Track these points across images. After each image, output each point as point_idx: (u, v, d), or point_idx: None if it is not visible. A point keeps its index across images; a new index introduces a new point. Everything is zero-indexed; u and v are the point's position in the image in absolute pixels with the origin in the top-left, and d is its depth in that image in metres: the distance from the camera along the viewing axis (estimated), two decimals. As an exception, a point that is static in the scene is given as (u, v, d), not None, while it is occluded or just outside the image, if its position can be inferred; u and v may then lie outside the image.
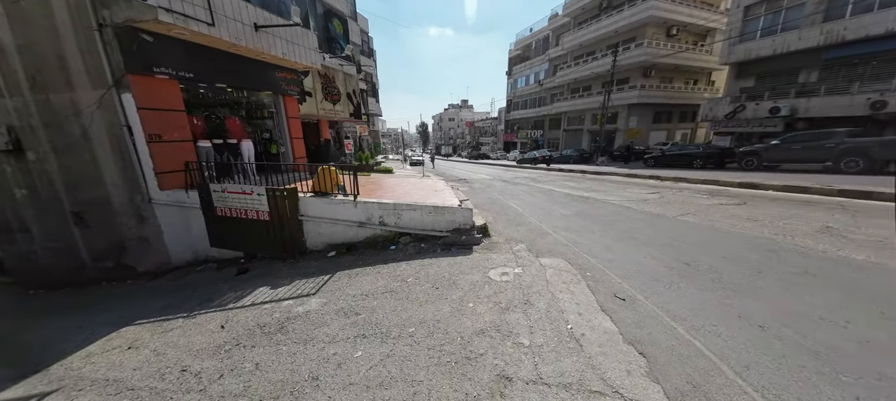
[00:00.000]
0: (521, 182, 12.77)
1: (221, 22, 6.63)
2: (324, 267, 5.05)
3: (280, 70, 9.22)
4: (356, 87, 14.46)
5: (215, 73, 7.40)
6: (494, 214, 6.90)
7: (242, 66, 7.98)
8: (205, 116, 7.88)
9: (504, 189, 10.74)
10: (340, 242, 5.71)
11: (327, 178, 5.64)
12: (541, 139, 35.85)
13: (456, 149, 66.17)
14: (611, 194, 8.81)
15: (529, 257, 4.25)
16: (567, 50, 30.00)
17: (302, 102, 11.02)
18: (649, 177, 12.38)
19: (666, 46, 23.73)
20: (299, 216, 5.76)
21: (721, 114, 19.36)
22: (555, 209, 7.12)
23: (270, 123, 10.22)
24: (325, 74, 12.10)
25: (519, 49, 39.25)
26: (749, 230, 4.94)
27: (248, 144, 8.63)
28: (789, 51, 16.22)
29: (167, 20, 5.64)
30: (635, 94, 24.39)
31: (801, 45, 15.64)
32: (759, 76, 18.55)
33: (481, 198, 9.06)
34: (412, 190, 8.21)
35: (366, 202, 5.39)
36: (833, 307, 2.69)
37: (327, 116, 12.89)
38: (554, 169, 19.04)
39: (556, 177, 14.51)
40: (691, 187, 9.71)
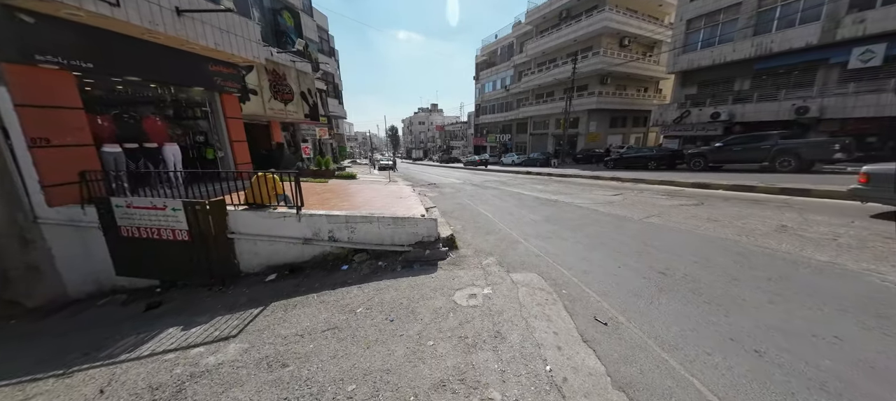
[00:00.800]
0: (491, 186, 12.50)
1: (130, 2, 5.48)
2: (257, 296, 4.18)
3: (214, 63, 8.03)
4: (312, 86, 13.36)
5: (125, 63, 6.15)
6: (463, 222, 6.41)
7: (163, 56, 6.75)
8: (114, 116, 6.53)
9: (474, 194, 10.35)
10: (282, 262, 4.85)
11: (263, 187, 4.77)
12: (509, 143, 36.46)
13: (427, 153, 65.60)
14: (577, 197, 8.75)
15: (500, 273, 3.77)
16: (531, 57, 30.84)
17: (245, 100, 9.80)
18: (611, 178, 12.71)
19: (619, 56, 25.20)
20: (228, 234, 4.81)
21: (669, 119, 20.82)
22: (525, 214, 6.79)
23: (205, 123, 8.90)
24: (274, 71, 10.94)
25: (485, 54, 39.80)
26: (712, 231, 4.91)
27: (172, 148, 7.35)
28: (726, 61, 17.81)
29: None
30: (594, 101, 25.56)
31: (736, 56, 17.23)
32: (702, 84, 20.21)
33: (450, 204, 8.55)
34: (374, 198, 7.48)
35: (312, 215, 4.61)
36: (817, 320, 2.49)
37: (278, 117, 11.68)
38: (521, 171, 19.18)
39: (524, 180, 14.48)
40: (650, 188, 10.00)
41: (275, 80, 10.92)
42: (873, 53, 12.04)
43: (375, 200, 7.09)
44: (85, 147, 5.70)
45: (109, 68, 5.93)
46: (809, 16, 13.66)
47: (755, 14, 15.78)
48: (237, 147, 9.29)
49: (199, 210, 4.60)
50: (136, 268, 5.30)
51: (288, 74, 11.62)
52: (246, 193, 4.91)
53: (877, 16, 11.61)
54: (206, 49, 7.20)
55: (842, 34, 12.59)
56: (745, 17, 16.20)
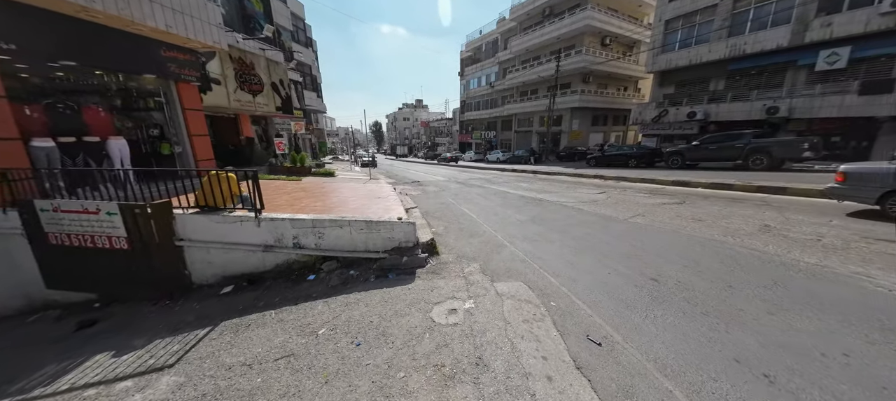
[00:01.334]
0: (476, 184, 12.20)
1: (54, -30, 4.70)
2: (209, 312, 3.65)
3: (168, 48, 7.21)
4: (284, 77, 12.53)
5: (58, 47, 5.32)
6: (446, 223, 6.04)
7: (105, 39, 5.94)
8: (46, 106, 5.69)
9: (459, 192, 10.01)
10: (240, 272, 4.32)
11: (217, 187, 4.21)
12: (494, 140, 36.39)
13: (412, 149, 64.72)
14: (562, 195, 8.59)
15: (484, 282, 3.44)
16: (515, 54, 30.74)
17: (206, 90, 8.96)
18: (594, 176, 12.73)
19: (601, 55, 25.51)
20: (176, 241, 4.22)
21: (648, 118, 21.27)
22: (510, 214, 6.52)
23: (160, 115, 8.04)
24: (241, 59, 10.10)
25: (470, 50, 39.41)
26: (698, 232, 4.80)
27: (118, 142, 6.55)
28: (701, 62, 18.29)
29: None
30: (576, 99, 25.79)
31: (711, 56, 17.71)
32: (679, 84, 20.73)
33: (433, 203, 8.16)
34: (350, 197, 6.98)
35: (273, 219, 4.10)
36: (821, 333, 2.31)
37: (246, 110, 10.85)
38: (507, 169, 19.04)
39: (509, 178, 14.29)
40: (633, 186, 10.01)
41: (241, 70, 10.08)
42: (838, 56, 12.61)
43: (351, 201, 6.60)
44: (8, 142, 4.90)
45: (37, 52, 5.11)
46: (780, 18, 14.15)
47: (730, 16, 16.23)
48: (197, 142, 8.47)
49: (139, 214, 3.99)
50: (68, 280, 4.60)
51: (256, 63, 10.77)
52: (197, 194, 4.32)
53: (843, 20, 12.14)
54: (157, 31, 6.42)
55: (810, 37, 13.11)
56: (720, 18, 16.63)
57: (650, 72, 21.64)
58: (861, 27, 11.82)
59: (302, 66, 21.27)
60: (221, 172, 4.51)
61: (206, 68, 9.06)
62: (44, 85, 6.71)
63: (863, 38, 12.01)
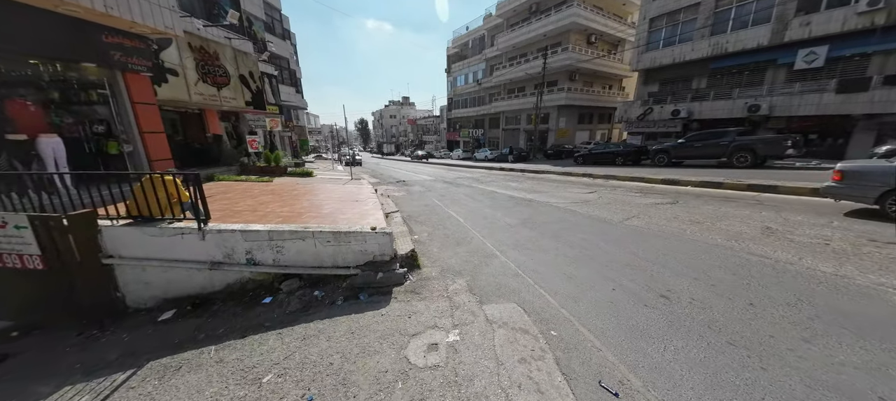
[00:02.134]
0: (463, 184, 11.71)
1: (-56, -72, 3.84)
2: (137, 347, 2.99)
3: (111, 33, 6.32)
4: (255, 69, 11.61)
5: (-42, 23, 4.43)
6: (431, 228, 5.51)
7: (27, 20, 5.04)
8: (-55, 95, 4.76)
9: (445, 193, 9.48)
10: (184, 294, 3.65)
11: (152, 193, 3.52)
12: (482, 138, 36.04)
13: (399, 147, 63.67)
14: (553, 195, 8.22)
15: (471, 305, 2.93)
16: (502, 50, 30.41)
17: (161, 81, 8.05)
18: (582, 175, 12.49)
19: (587, 53, 25.51)
20: (103, 259, 3.51)
21: (633, 115, 21.40)
22: (499, 217, 6.05)
23: (105, 110, 7.11)
24: (203, 48, 9.19)
25: (457, 47, 38.84)
26: (699, 235, 4.48)
27: (51, 141, 5.66)
28: (685, 60, 18.45)
29: None
30: (563, 96, 25.73)
31: (694, 55, 17.88)
32: (663, 82, 20.91)
33: (417, 206, 7.60)
34: (325, 201, 6.33)
35: (221, 231, 3.45)
36: (870, 368, 1.95)
37: (210, 104, 9.93)
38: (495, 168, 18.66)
39: (498, 177, 13.88)
40: (622, 185, 9.78)
41: (203, 60, 9.16)
42: (816, 55, 12.84)
43: (325, 205, 5.97)
44: None
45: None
46: (761, 17, 14.32)
47: (712, 14, 16.36)
48: (150, 139, 7.57)
49: (54, 227, 3.26)
50: (-32, 308, 3.79)
51: (221, 53, 9.85)
52: (129, 202, 3.61)
53: (821, 19, 12.34)
54: (93, 13, 5.55)
55: (790, 36, 13.30)
56: (703, 16, 16.76)
57: (635, 70, 21.76)
58: (838, 26, 12.04)
59: (277, 58, 20.13)
60: (164, 175, 3.82)
61: (161, 57, 8.15)
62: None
63: (840, 38, 12.25)
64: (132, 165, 7.60)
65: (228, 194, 6.89)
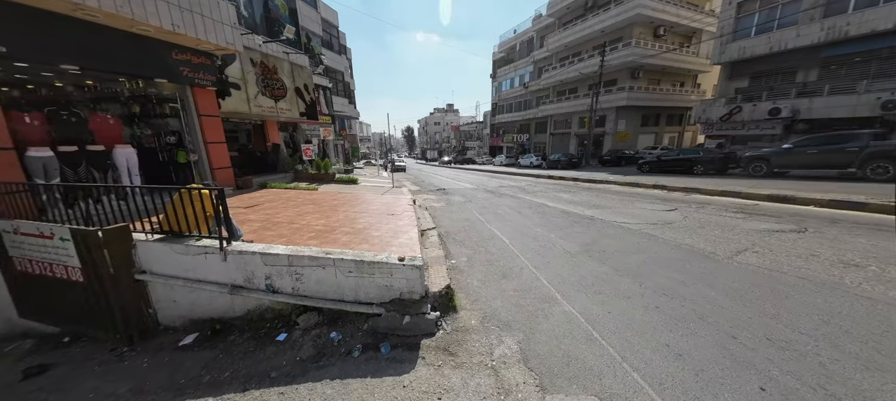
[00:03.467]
0: (507, 193, 10.76)
1: (38, -38, 4.25)
2: (148, 381, 2.75)
3: (179, 51, 6.81)
4: (309, 82, 12.12)
5: (54, 49, 4.94)
6: (471, 251, 4.77)
7: (108, 40, 5.54)
8: (49, 113, 5.38)
9: (487, 203, 8.67)
10: (207, 316, 3.42)
11: (187, 207, 3.35)
12: (527, 143, 34.41)
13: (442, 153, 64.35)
14: (619, 212, 6.90)
15: (527, 394, 2.10)
16: (552, 51, 28.70)
17: (225, 95, 8.61)
18: (653, 186, 10.66)
19: (653, 47, 22.68)
20: (137, 274, 3.43)
21: (715, 116, 18.25)
22: (554, 241, 5.07)
23: (176, 122, 7.74)
24: (263, 63, 9.73)
25: (503, 51, 37.89)
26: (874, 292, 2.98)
27: (125, 151, 6.17)
28: (786, 49, 15.18)
29: None
30: (624, 96, 23.18)
31: (800, 42, 14.60)
32: (756, 76, 17.54)
33: (457, 219, 6.92)
34: (360, 213, 5.99)
35: (242, 252, 3.14)
36: None
37: (267, 116, 10.48)
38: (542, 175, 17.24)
39: (546, 186, 12.62)
40: (712, 201, 7.96)
41: (263, 74, 9.72)
42: None
43: (360, 218, 5.60)
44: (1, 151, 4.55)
45: (33, 53, 4.74)
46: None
47: (829, -10, 13.17)
48: (213, 150, 8.09)
49: (90, 241, 3.23)
50: (36, 311, 4.04)
51: (280, 68, 10.40)
52: (162, 217, 3.50)
53: None
54: (162, 31, 5.96)
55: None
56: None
57: (717, 63, 18.64)
58: None
59: (333, 72, 21.32)
60: (194, 187, 3.68)
61: (226, 73, 8.75)
62: (48, 91, 6.58)
63: None
64: (198, 174, 8.18)
65: (274, 203, 6.96)
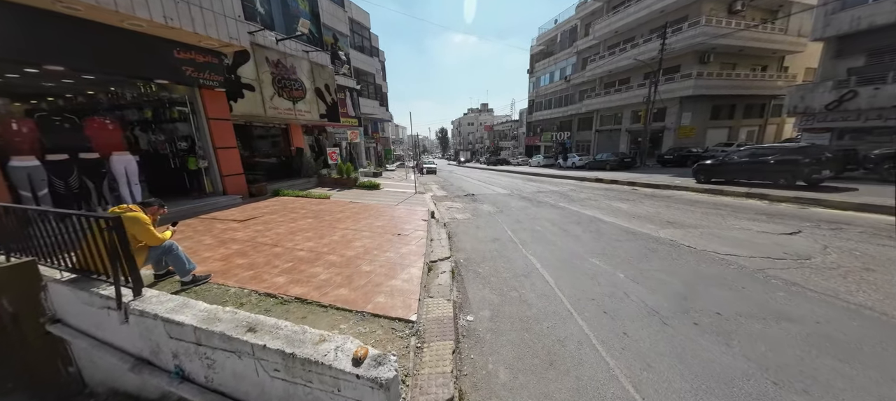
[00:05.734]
0: (546, 200, 9.07)
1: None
2: None
3: (182, 49, 6.29)
4: (331, 82, 11.49)
5: (33, 45, 4.50)
6: (497, 297, 3.33)
7: (97, 38, 5.06)
8: (39, 119, 5.03)
9: (522, 216, 7.13)
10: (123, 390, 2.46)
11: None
12: (568, 142, 31.60)
13: (475, 154, 62.85)
14: (710, 234, 4.99)
15: None
16: (599, 39, 25.80)
17: (237, 97, 8.11)
18: (744, 195, 8.25)
19: (728, 25, 19.02)
20: (48, 324, 2.58)
21: (818, 104, 14.56)
22: (623, 284, 3.45)
23: (186, 127, 7.34)
24: (279, 62, 9.17)
25: (542, 44, 35.37)
26: None
27: (122, 158, 5.71)
28: (933, 10, 11.40)
29: None
30: (689, 85, 19.80)
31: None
32: (874, 53, 13.65)
33: (483, 239, 5.51)
34: (361, 232, 4.88)
35: (143, 312, 2.10)
36: None
37: (284, 118, 9.96)
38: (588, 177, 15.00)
39: (595, 192, 10.63)
40: (853, 220, 5.61)
41: (280, 74, 9.17)
42: None
43: (358, 239, 4.49)
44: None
45: (16, 53, 4.32)
46: None
47: None
48: (223, 155, 7.59)
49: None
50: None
51: (298, 67, 9.83)
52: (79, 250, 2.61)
53: None
54: (156, 26, 5.39)
55: None
56: None
57: (819, 39, 14.89)
58: None
59: (363, 74, 20.98)
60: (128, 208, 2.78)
61: (239, 73, 8.28)
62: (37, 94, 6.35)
63: None
64: (209, 181, 7.77)
65: (274, 215, 6.17)
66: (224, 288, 3.06)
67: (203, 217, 6.04)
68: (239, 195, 7.86)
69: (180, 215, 6.03)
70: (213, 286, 3.09)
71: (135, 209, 2.83)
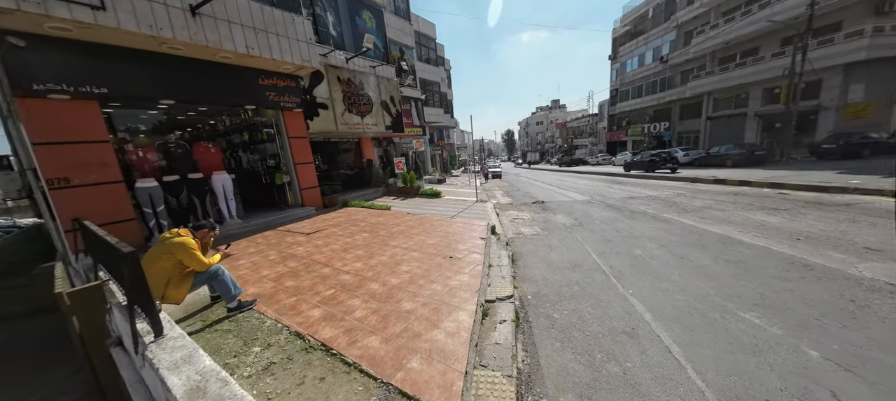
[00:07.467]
0: (643, 210, 7.20)
1: (121, 3, 4.42)
2: None
3: (265, 76, 6.93)
4: (396, 94, 11.68)
5: (148, 85, 5.35)
6: (587, 372, 2.12)
7: (195, 72, 5.85)
8: (158, 146, 6.03)
9: (610, 231, 5.64)
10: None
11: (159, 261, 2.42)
12: (665, 134, 26.47)
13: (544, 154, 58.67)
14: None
15: None
16: (709, 5, 20.89)
17: (313, 115, 8.70)
18: None
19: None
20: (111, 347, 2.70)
21: None
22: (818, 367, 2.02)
23: (273, 146, 8.15)
24: (350, 80, 9.61)
25: (628, 23, 30.77)
26: None
27: (221, 177, 6.50)
28: None
29: (2, 3, 3.59)
30: (860, 46, 14.18)
31: None
32: None
33: (557, 266, 4.35)
34: (410, 252, 4.37)
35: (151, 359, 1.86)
36: None
37: (353, 133, 10.40)
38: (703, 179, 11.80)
39: (716, 199, 8.10)
40: None
41: (350, 91, 9.63)
42: None
43: (405, 261, 3.97)
44: (112, 185, 5.12)
45: (130, 91, 5.20)
46: None
47: None
48: (302, 170, 8.19)
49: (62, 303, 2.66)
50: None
51: (366, 82, 10.21)
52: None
53: None
54: (240, 55, 5.98)
55: None
56: None
57: None
58: None
59: (428, 83, 21.35)
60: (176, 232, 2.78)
61: (314, 93, 8.91)
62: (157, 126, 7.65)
63: None
64: (291, 194, 8.49)
65: (336, 228, 6.22)
66: (262, 319, 2.83)
67: (279, 229, 6.45)
68: (314, 207, 8.37)
69: (260, 228, 6.58)
70: (254, 316, 2.91)
71: (183, 233, 2.81)
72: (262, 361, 2.23)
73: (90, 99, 4.76)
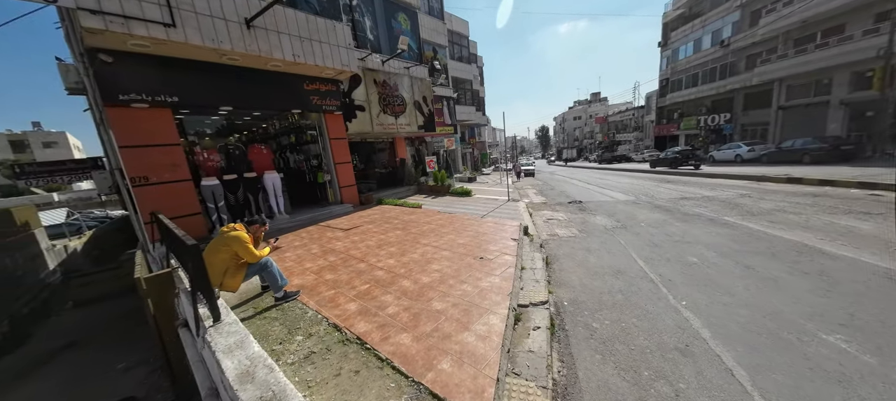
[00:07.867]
0: (699, 212, 6.50)
1: (188, 20, 4.96)
2: None
3: (309, 81, 7.37)
4: (428, 94, 11.79)
5: (211, 93, 5.96)
6: (632, 391, 2.07)
7: (249, 80, 6.37)
8: (219, 148, 6.67)
9: (658, 235, 5.16)
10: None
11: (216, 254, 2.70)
12: (727, 127, 23.78)
13: (581, 151, 55.70)
14: None
15: None
16: (781, -22, 18.28)
17: (351, 117, 9.07)
18: None
19: None
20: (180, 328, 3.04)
21: None
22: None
23: (316, 147, 8.65)
24: (385, 82, 9.88)
25: (680, 6, 28.07)
26: None
27: (272, 176, 7.05)
28: None
29: (95, 25, 4.20)
30: None
31: None
32: None
33: (597, 273, 4.03)
34: (440, 251, 4.38)
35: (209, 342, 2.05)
36: None
37: (387, 133, 10.68)
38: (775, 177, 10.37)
39: (794, 200, 7.08)
40: None
41: (385, 92, 9.89)
42: None
43: (435, 261, 3.99)
44: (182, 183, 5.77)
45: (197, 99, 5.82)
46: None
47: None
48: (341, 169, 8.61)
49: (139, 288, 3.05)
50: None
51: (400, 84, 10.42)
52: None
53: None
54: (288, 63, 6.42)
55: None
56: None
57: None
58: None
59: (460, 81, 21.27)
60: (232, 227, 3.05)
61: (353, 96, 9.29)
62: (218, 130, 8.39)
63: None
64: (331, 191, 8.96)
65: (372, 225, 6.45)
66: (304, 309, 3.00)
67: (321, 224, 6.84)
68: (351, 204, 8.76)
69: (304, 223, 7.02)
70: (298, 305, 3.10)
71: (238, 228, 3.07)
72: (304, 349, 2.36)
73: (164, 107, 5.41)
